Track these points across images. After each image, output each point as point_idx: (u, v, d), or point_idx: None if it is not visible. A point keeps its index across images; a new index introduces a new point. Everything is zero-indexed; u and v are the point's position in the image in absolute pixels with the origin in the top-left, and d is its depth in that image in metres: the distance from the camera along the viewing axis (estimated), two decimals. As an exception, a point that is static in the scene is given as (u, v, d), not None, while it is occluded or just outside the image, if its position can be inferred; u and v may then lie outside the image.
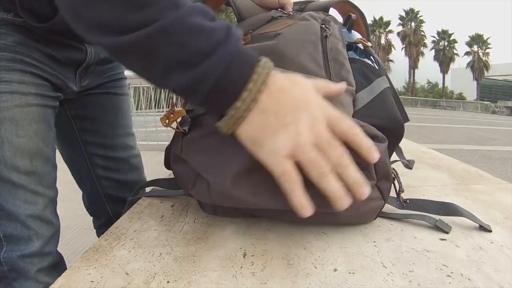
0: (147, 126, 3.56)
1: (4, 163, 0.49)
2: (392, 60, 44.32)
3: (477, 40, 44.42)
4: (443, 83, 47.99)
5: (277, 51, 0.48)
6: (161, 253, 0.36)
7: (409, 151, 0.87)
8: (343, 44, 0.51)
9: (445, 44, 45.44)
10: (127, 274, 0.33)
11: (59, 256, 0.58)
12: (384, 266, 0.34)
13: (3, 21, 0.50)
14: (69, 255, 1.00)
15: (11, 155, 0.50)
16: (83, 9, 0.32)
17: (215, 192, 0.38)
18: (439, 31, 46.29)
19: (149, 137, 3.41)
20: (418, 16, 43.92)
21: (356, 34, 0.56)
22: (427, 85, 56.42)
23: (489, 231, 0.41)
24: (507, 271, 0.33)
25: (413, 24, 44.07)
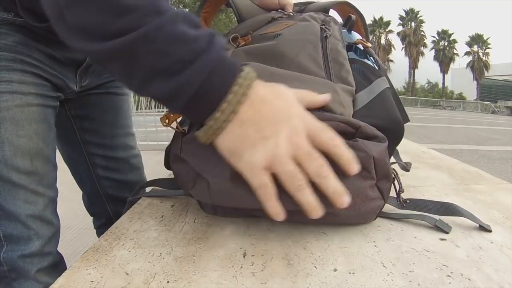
0: (147, 126, 3.55)
1: (4, 163, 0.49)
2: (392, 60, 44.34)
3: (477, 40, 44.42)
4: (443, 83, 48.01)
5: (277, 52, 0.48)
6: (161, 253, 0.37)
7: (409, 151, 0.87)
8: (343, 44, 0.51)
9: (445, 44, 45.44)
10: (127, 274, 0.33)
11: (59, 256, 0.58)
12: (384, 266, 0.34)
13: (4, 21, 0.50)
14: (69, 255, 1.00)
15: (11, 155, 0.50)
16: (67, 13, 0.31)
17: (215, 191, 0.38)
18: (439, 31, 46.32)
19: (149, 137, 3.41)
20: (418, 16, 43.92)
21: (356, 35, 0.56)
22: (427, 85, 56.44)
23: (489, 231, 0.41)
24: (507, 271, 0.33)
25: (413, 24, 44.07)
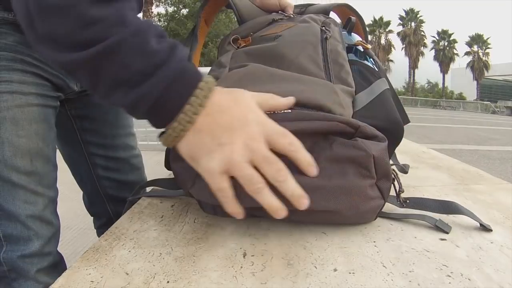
0: (147, 126, 3.53)
1: (4, 163, 0.49)
2: (392, 60, 44.33)
3: (477, 40, 44.42)
4: (443, 83, 47.99)
5: (277, 53, 0.48)
6: (161, 253, 0.37)
7: (409, 151, 0.87)
8: (343, 46, 0.51)
9: (445, 44, 45.43)
10: (127, 274, 0.33)
11: (59, 256, 0.58)
12: (384, 266, 0.34)
13: (4, 21, 0.50)
14: (69, 255, 1.00)
15: (11, 155, 0.50)
16: (37, 21, 0.32)
17: None
18: (439, 31, 46.31)
19: (149, 137, 3.40)
20: (418, 16, 43.90)
21: (356, 36, 0.57)
22: (427, 85, 56.44)
23: (490, 230, 0.41)
24: (507, 271, 0.34)
25: (413, 24, 44.05)
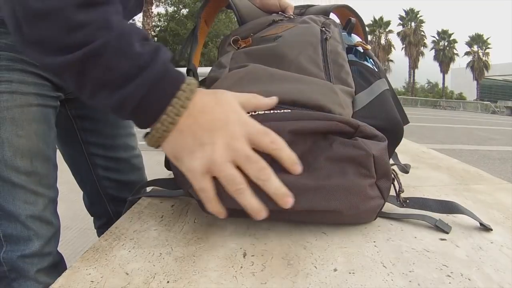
0: (147, 126, 3.54)
1: (4, 163, 0.49)
2: (392, 60, 44.32)
3: (477, 40, 44.43)
4: (443, 83, 48.01)
5: (277, 53, 0.48)
6: (161, 253, 0.37)
7: (409, 151, 0.87)
8: (342, 46, 0.51)
9: (445, 44, 45.44)
10: (127, 274, 0.33)
11: (59, 256, 0.58)
12: (384, 266, 0.34)
13: (4, 21, 0.50)
14: (69, 255, 1.00)
15: (11, 155, 0.50)
16: (24, 25, 0.33)
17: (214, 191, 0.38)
18: (439, 31, 46.32)
19: (149, 137, 3.40)
20: (418, 16, 43.91)
21: (355, 37, 0.57)
22: (427, 85, 56.46)
23: (490, 229, 0.41)
24: (507, 271, 0.34)
25: (413, 24, 44.06)
